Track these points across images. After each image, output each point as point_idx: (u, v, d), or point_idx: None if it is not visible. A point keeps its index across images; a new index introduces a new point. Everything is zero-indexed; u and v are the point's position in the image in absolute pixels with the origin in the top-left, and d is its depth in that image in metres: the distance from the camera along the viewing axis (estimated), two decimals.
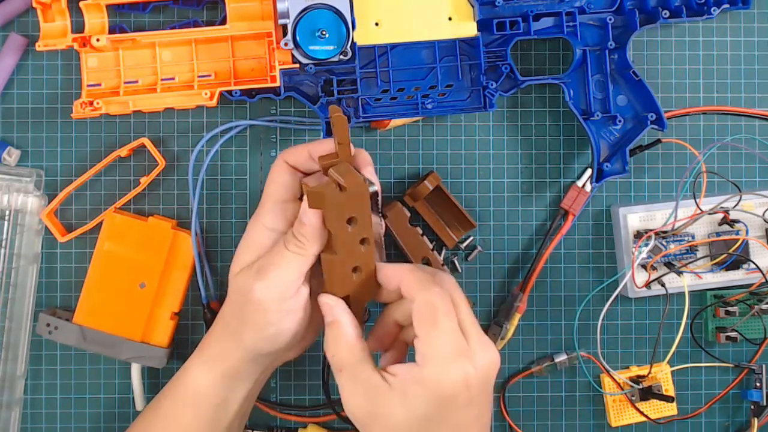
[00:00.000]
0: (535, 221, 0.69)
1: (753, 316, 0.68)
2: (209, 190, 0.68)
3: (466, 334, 0.54)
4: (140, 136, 0.67)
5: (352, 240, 0.56)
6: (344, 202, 0.55)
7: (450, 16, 0.64)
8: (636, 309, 0.70)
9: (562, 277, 0.70)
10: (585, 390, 0.70)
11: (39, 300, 0.68)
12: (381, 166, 0.69)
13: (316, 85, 0.64)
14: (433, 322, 0.54)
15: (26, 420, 0.68)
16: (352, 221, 0.56)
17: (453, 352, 0.53)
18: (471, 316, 0.55)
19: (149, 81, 0.64)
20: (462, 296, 0.56)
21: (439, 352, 0.53)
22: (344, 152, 0.56)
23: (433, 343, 0.53)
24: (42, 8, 0.63)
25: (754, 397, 0.69)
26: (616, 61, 0.65)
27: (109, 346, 0.65)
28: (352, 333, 0.56)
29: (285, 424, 0.69)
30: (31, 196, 0.66)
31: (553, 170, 0.69)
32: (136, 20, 0.67)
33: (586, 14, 0.65)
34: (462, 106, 0.65)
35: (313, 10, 0.61)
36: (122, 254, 0.65)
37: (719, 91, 0.70)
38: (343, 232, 0.56)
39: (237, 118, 0.68)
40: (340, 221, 0.56)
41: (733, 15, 0.70)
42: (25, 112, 0.67)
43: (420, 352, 0.54)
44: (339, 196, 0.55)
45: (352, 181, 0.55)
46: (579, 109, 0.66)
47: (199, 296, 0.67)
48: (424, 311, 0.54)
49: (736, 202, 0.66)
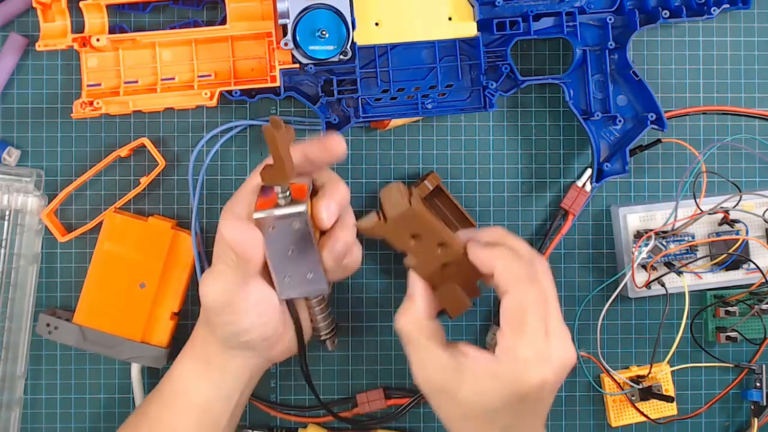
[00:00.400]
0: (535, 221, 0.69)
1: (753, 316, 0.68)
2: (209, 190, 0.68)
3: (549, 334, 0.54)
4: (140, 136, 0.67)
5: (427, 248, 0.56)
6: (394, 228, 0.55)
7: (450, 16, 0.64)
8: (636, 309, 0.70)
9: (562, 277, 0.70)
10: (585, 390, 0.70)
11: (39, 300, 0.68)
12: (381, 166, 0.69)
13: (316, 85, 0.64)
14: (522, 326, 0.54)
15: (26, 420, 0.68)
16: (416, 237, 0.56)
17: (535, 357, 0.54)
18: (557, 313, 0.56)
19: (149, 81, 0.64)
20: (554, 290, 0.56)
21: (521, 356, 0.54)
22: (281, 170, 0.53)
23: (517, 345, 0.54)
24: (42, 8, 0.63)
25: (754, 397, 0.69)
26: (616, 61, 0.65)
27: (109, 346, 0.65)
28: (422, 309, 0.57)
29: (285, 424, 0.69)
30: (31, 196, 0.66)
31: (553, 170, 0.69)
32: (136, 20, 0.67)
33: (586, 14, 0.65)
34: (462, 106, 0.65)
35: (313, 10, 0.61)
36: (122, 254, 0.65)
37: (719, 91, 0.70)
38: (415, 245, 0.56)
39: (237, 118, 0.68)
40: (405, 240, 0.56)
41: (733, 15, 0.70)
42: (25, 112, 0.67)
43: (502, 347, 0.54)
44: (385, 226, 0.55)
45: (391, 209, 0.54)
46: (579, 109, 0.66)
47: (198, 296, 0.67)
48: (514, 312, 0.54)
49: (736, 202, 0.66)
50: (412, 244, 0.56)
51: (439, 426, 0.69)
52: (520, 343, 0.54)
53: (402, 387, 0.69)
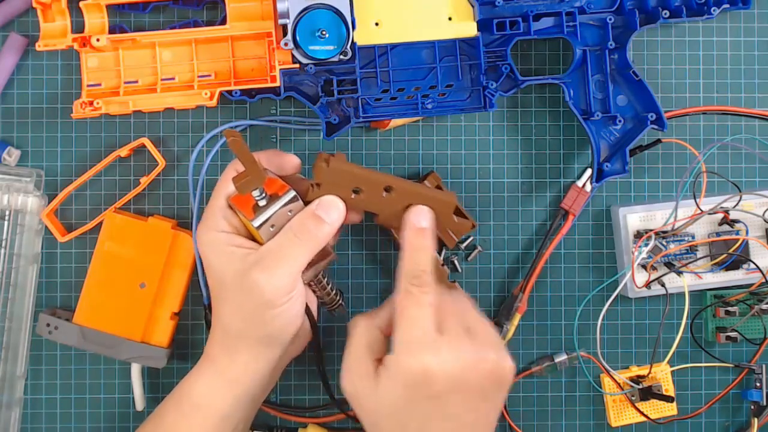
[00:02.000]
0: (535, 221, 0.69)
1: (753, 316, 0.68)
2: (209, 190, 0.68)
3: (445, 331, 0.55)
4: (140, 136, 0.67)
5: (377, 197, 0.60)
6: (329, 190, 0.59)
7: (450, 16, 0.64)
8: (636, 309, 0.70)
9: (562, 277, 0.70)
10: (585, 390, 0.70)
11: (39, 300, 0.68)
12: (381, 166, 0.69)
13: (316, 85, 0.64)
14: (400, 316, 0.55)
15: (26, 420, 0.68)
16: (358, 192, 0.59)
17: (417, 344, 0.54)
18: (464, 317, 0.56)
19: (149, 81, 0.64)
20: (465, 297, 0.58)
21: (400, 340, 0.54)
22: (254, 169, 0.57)
23: (397, 332, 0.55)
24: (42, 8, 0.63)
25: (754, 397, 0.69)
26: (616, 61, 0.65)
27: (109, 346, 0.65)
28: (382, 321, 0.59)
29: (285, 424, 0.69)
30: (31, 196, 0.66)
31: (553, 170, 0.69)
32: (136, 20, 0.67)
33: (586, 14, 0.65)
34: (462, 106, 0.65)
35: (313, 10, 0.61)
36: (122, 254, 0.65)
37: (719, 91, 0.70)
38: (365, 198, 0.60)
39: (237, 118, 0.68)
40: (351, 198, 0.59)
41: (733, 15, 0.70)
42: (25, 112, 0.67)
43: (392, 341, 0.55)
44: (319, 191, 0.59)
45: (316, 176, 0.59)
46: (579, 109, 0.66)
47: (198, 296, 0.67)
48: (398, 304, 0.56)
49: (736, 202, 0.66)
50: (362, 198, 0.60)
51: None
52: (400, 330, 0.55)
53: None
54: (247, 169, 0.57)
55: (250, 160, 0.56)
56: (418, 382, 0.53)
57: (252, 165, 0.56)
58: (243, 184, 0.57)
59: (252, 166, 0.56)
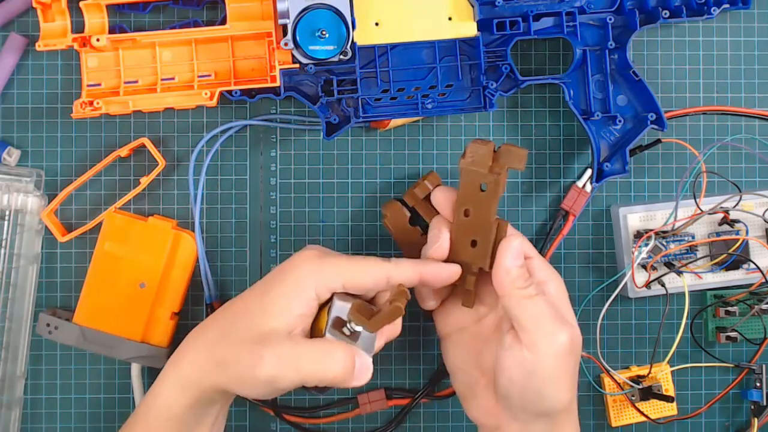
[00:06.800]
0: (536, 221, 0.69)
1: (753, 316, 0.68)
2: (209, 190, 0.68)
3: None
4: (140, 136, 0.67)
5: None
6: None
7: (450, 16, 0.64)
8: (636, 309, 0.70)
9: (563, 277, 0.69)
10: (585, 390, 0.70)
11: (39, 300, 0.68)
12: (381, 166, 0.69)
13: (316, 85, 0.64)
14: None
15: (26, 420, 0.68)
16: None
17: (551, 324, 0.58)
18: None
19: (149, 81, 0.65)
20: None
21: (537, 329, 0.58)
22: (376, 323, 0.56)
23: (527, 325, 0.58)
24: (42, 8, 0.63)
25: (754, 397, 0.69)
26: (616, 61, 0.65)
27: (109, 346, 0.65)
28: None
29: (285, 425, 0.69)
30: (31, 196, 0.66)
31: (553, 170, 0.69)
32: (136, 20, 0.67)
33: (586, 14, 0.65)
34: (462, 106, 0.65)
35: (313, 10, 0.61)
36: (122, 254, 0.65)
37: (719, 91, 0.70)
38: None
39: (237, 118, 0.68)
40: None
41: (733, 15, 0.70)
42: (25, 112, 0.67)
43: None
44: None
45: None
46: (579, 109, 0.66)
47: (198, 296, 0.67)
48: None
49: (736, 202, 0.66)
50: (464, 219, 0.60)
51: (439, 426, 0.69)
52: (529, 325, 0.58)
53: (403, 387, 0.69)
54: (371, 324, 0.56)
55: (387, 322, 0.56)
56: (567, 350, 0.57)
57: (376, 327, 0.56)
58: (359, 318, 0.56)
59: (375, 327, 0.56)
